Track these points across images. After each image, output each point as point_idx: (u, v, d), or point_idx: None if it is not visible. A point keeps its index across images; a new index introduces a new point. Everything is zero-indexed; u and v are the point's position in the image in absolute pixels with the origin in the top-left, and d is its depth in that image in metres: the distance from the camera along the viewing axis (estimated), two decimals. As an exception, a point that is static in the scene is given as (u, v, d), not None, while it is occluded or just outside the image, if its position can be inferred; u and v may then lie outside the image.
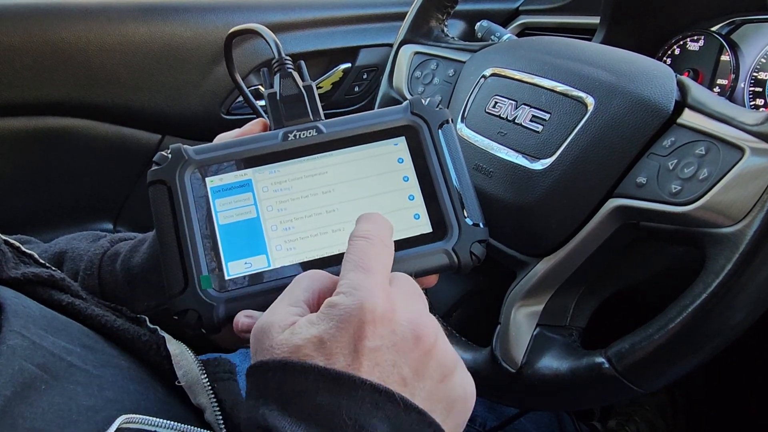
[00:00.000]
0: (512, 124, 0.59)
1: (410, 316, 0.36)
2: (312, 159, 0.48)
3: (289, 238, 0.46)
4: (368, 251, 0.38)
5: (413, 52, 0.75)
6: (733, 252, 0.43)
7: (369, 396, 0.32)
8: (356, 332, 0.34)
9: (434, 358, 0.36)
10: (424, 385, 0.35)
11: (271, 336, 0.35)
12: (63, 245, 0.57)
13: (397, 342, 0.35)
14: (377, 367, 0.34)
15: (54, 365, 0.38)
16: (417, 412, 0.33)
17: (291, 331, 0.35)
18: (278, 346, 0.34)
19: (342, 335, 0.34)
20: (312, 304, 0.38)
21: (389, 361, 0.34)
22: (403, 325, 0.35)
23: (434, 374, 0.36)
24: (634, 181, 0.50)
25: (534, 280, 0.55)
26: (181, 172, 0.47)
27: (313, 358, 0.33)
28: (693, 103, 0.50)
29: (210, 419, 0.44)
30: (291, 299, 0.37)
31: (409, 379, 0.34)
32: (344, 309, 0.34)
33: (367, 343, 0.34)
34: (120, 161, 1.10)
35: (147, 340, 0.46)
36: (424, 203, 0.47)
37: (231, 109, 1.12)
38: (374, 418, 0.32)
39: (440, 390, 0.36)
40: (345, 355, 0.34)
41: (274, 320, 0.36)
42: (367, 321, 0.34)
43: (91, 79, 1.02)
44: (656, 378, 0.48)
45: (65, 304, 0.46)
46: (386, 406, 0.32)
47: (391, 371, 0.34)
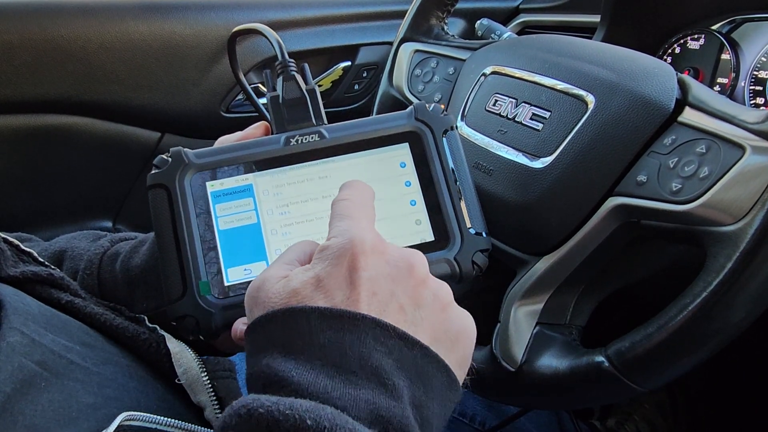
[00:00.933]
0: (512, 122, 0.59)
1: (400, 249, 0.37)
2: (314, 164, 0.47)
3: (289, 244, 0.46)
4: (352, 207, 0.39)
5: (413, 50, 0.75)
6: (734, 250, 0.43)
7: (371, 330, 0.33)
8: (350, 265, 0.34)
9: (429, 288, 0.36)
10: (424, 314, 0.35)
11: (267, 288, 0.35)
12: (63, 244, 0.57)
13: (391, 272, 0.35)
14: (375, 297, 0.34)
15: (54, 362, 0.38)
16: (420, 346, 0.33)
17: (287, 280, 0.35)
18: (275, 295, 0.35)
19: (337, 270, 0.34)
20: (304, 262, 0.38)
21: (386, 291, 0.35)
22: (395, 256, 0.36)
23: (433, 305, 0.36)
24: (634, 180, 0.50)
25: (534, 279, 0.55)
26: (181, 177, 0.46)
27: (312, 298, 0.34)
28: (694, 101, 0.50)
29: (210, 417, 0.44)
30: (284, 259, 0.38)
31: (408, 307, 0.35)
32: (336, 247, 0.35)
33: (362, 273, 0.34)
34: (119, 159, 1.10)
35: (146, 338, 0.46)
36: (426, 211, 0.47)
37: (231, 107, 1.12)
38: (378, 352, 0.32)
39: (441, 321, 0.36)
40: (342, 288, 0.34)
41: (268, 275, 0.36)
42: (358, 253, 0.35)
43: (91, 76, 1.02)
44: (656, 377, 0.47)
45: (64, 302, 0.46)
46: (389, 341, 0.33)
47: (389, 300, 0.34)
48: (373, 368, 0.32)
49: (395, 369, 0.32)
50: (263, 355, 0.33)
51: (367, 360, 0.32)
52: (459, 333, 0.37)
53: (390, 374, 0.32)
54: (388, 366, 0.32)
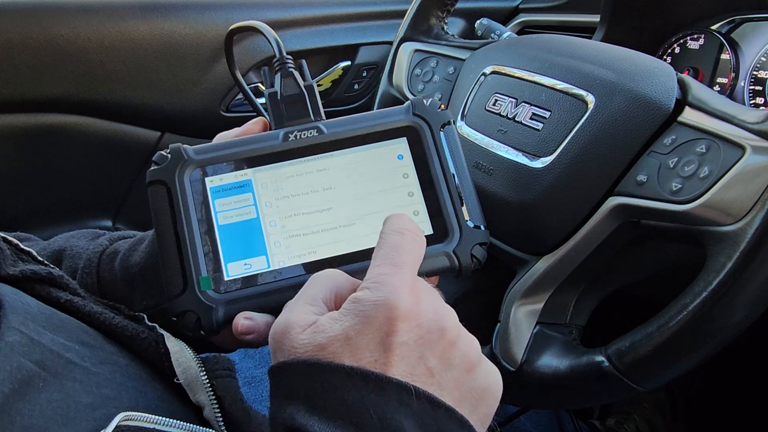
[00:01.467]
0: (512, 122, 0.59)
1: (434, 309, 0.36)
2: (313, 159, 0.47)
3: (289, 238, 0.46)
4: (401, 245, 0.38)
5: (413, 49, 0.75)
6: (734, 250, 0.43)
7: (396, 393, 0.32)
8: (383, 328, 0.34)
9: (459, 348, 0.36)
10: (451, 374, 0.35)
11: (292, 336, 0.35)
12: (62, 243, 0.56)
13: (423, 335, 0.35)
14: (404, 360, 0.34)
15: (52, 362, 0.38)
16: (444, 408, 0.33)
17: (313, 330, 0.35)
18: (301, 346, 0.34)
19: (368, 331, 0.34)
20: (329, 302, 0.37)
21: (416, 354, 0.34)
22: (429, 318, 0.35)
23: (461, 364, 0.36)
24: (634, 179, 0.50)
25: (534, 278, 0.55)
26: (181, 173, 0.46)
27: (340, 355, 0.33)
28: (693, 101, 0.50)
29: (209, 416, 0.44)
30: (308, 298, 0.37)
31: (437, 369, 0.35)
32: (370, 304, 0.34)
33: (395, 339, 0.34)
34: (119, 158, 1.10)
35: (146, 337, 0.46)
36: (425, 204, 0.47)
37: (230, 107, 1.12)
38: (401, 414, 0.32)
39: (468, 381, 0.36)
40: (371, 350, 0.34)
41: (293, 320, 0.36)
42: (394, 317, 0.34)
43: (91, 76, 1.02)
44: (656, 376, 0.47)
45: (63, 301, 0.46)
46: (413, 404, 0.33)
47: (417, 363, 0.34)
48: (394, 430, 0.32)
49: (414, 429, 0.32)
50: (288, 402, 0.33)
51: (390, 423, 0.32)
52: (484, 391, 0.36)
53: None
54: (410, 428, 0.32)
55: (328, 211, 0.46)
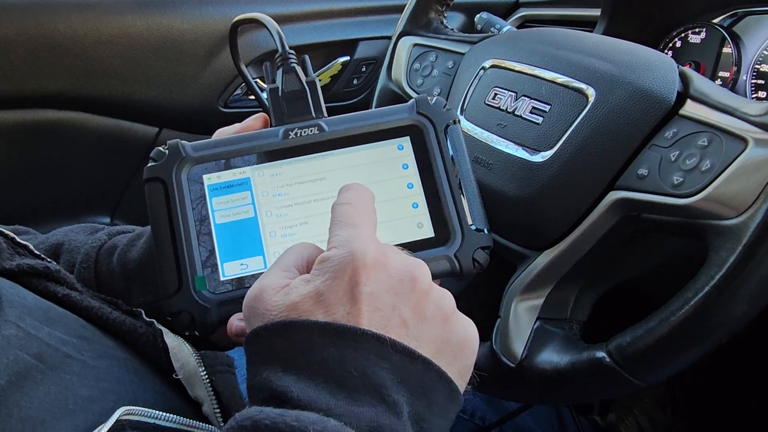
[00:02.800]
0: (512, 116, 0.58)
1: (403, 260, 0.36)
2: (313, 158, 0.47)
3: (287, 239, 0.45)
4: (353, 213, 0.38)
5: (412, 43, 0.75)
6: (736, 244, 0.42)
7: (374, 347, 0.32)
8: (351, 279, 0.34)
9: (432, 300, 0.36)
10: (426, 327, 0.35)
11: (266, 299, 0.35)
12: (60, 237, 0.56)
13: (394, 285, 0.35)
14: (377, 312, 0.34)
15: (50, 355, 0.38)
16: (422, 361, 0.33)
17: (286, 292, 0.35)
18: (274, 308, 0.34)
19: (338, 284, 0.34)
20: (302, 269, 0.37)
21: (388, 305, 0.34)
22: (398, 269, 0.35)
23: (435, 316, 0.35)
24: (635, 173, 0.49)
25: (534, 274, 0.54)
26: (178, 170, 0.46)
27: (313, 313, 0.33)
28: (695, 93, 0.49)
29: (208, 412, 0.43)
30: (282, 265, 0.37)
31: (411, 321, 0.34)
32: (337, 260, 0.35)
33: (363, 289, 0.34)
34: (117, 154, 1.10)
35: (144, 332, 0.46)
36: (427, 207, 0.47)
37: (229, 102, 1.11)
38: (380, 368, 0.32)
39: (444, 333, 0.36)
40: (343, 303, 0.33)
41: (265, 283, 0.36)
42: (360, 267, 0.34)
43: (88, 71, 1.02)
44: (657, 371, 0.47)
45: (61, 295, 0.46)
46: (392, 357, 0.32)
47: (391, 314, 0.34)
48: (374, 385, 0.32)
49: (396, 385, 0.32)
50: (264, 367, 0.33)
51: (370, 377, 0.32)
52: (462, 343, 0.36)
53: (391, 390, 0.32)
54: (390, 382, 0.32)
55: (328, 212, 0.46)
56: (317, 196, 0.46)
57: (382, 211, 0.46)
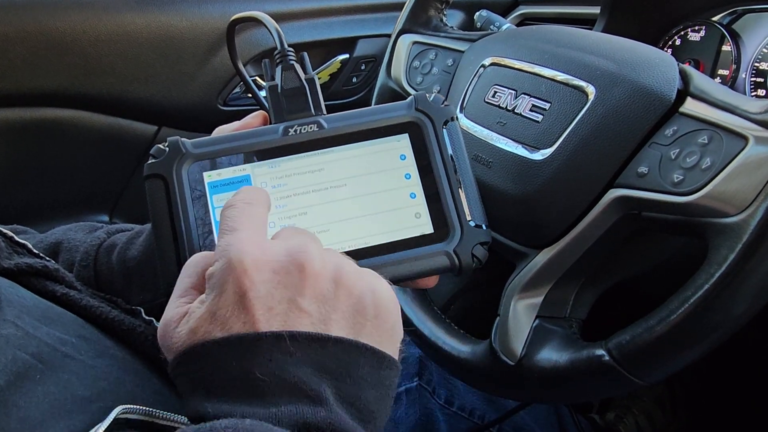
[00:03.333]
0: (512, 113, 0.58)
1: (287, 249, 0.35)
2: (312, 155, 0.47)
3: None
4: (232, 215, 0.37)
5: (412, 41, 0.75)
6: (736, 242, 0.42)
7: (274, 346, 0.32)
8: (236, 289, 0.33)
9: (327, 278, 0.35)
10: (331, 306, 0.34)
11: (170, 334, 0.35)
12: (59, 236, 0.56)
13: (281, 280, 0.34)
14: (272, 311, 0.33)
15: (48, 355, 0.38)
16: (333, 341, 0.33)
17: (186, 320, 0.34)
18: (178, 339, 0.34)
19: (225, 298, 0.33)
20: (200, 287, 0.37)
21: (283, 300, 0.33)
22: (281, 261, 0.34)
23: (337, 292, 0.35)
24: (635, 171, 0.49)
25: (533, 272, 0.54)
26: (179, 167, 0.46)
27: (210, 333, 0.33)
28: (695, 91, 0.49)
29: (205, 411, 0.43)
30: (178, 292, 0.37)
31: (311, 307, 0.34)
32: (219, 273, 0.34)
33: (250, 294, 0.33)
34: (116, 152, 1.10)
35: (142, 331, 0.46)
36: (425, 203, 0.47)
37: (228, 100, 1.11)
38: (290, 364, 0.32)
39: (352, 304, 0.35)
40: (236, 315, 0.33)
41: (167, 319, 0.36)
42: (240, 274, 0.33)
43: (87, 69, 1.01)
44: (657, 370, 0.47)
45: (59, 294, 0.46)
46: (298, 349, 0.32)
47: (289, 308, 0.33)
48: (288, 383, 0.31)
49: (313, 374, 0.32)
50: (188, 399, 0.33)
51: (280, 376, 0.31)
52: (376, 307, 0.35)
53: (309, 382, 0.31)
54: (305, 374, 0.32)
55: (327, 208, 0.46)
56: (316, 186, 0.46)
57: (380, 202, 0.46)
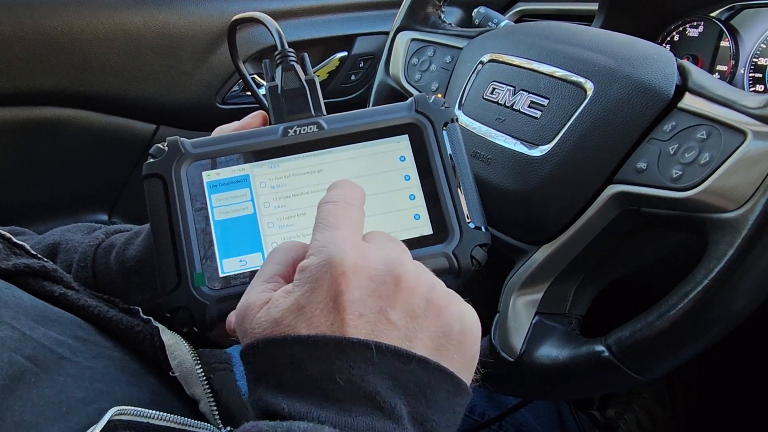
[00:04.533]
0: (510, 110, 0.58)
1: (385, 258, 0.35)
2: (312, 155, 0.47)
3: (286, 235, 0.45)
4: (334, 212, 0.37)
5: (410, 38, 0.75)
6: (735, 237, 0.42)
7: (359, 354, 0.32)
8: (331, 288, 0.33)
9: (421, 295, 0.34)
10: (419, 324, 0.34)
11: (250, 317, 0.34)
12: (57, 236, 0.56)
13: (377, 288, 0.33)
14: (362, 318, 0.33)
15: (44, 357, 0.37)
16: (416, 360, 0.32)
17: (268, 307, 0.34)
18: (258, 326, 0.34)
19: (318, 295, 0.33)
20: (287, 276, 0.37)
21: (374, 309, 0.33)
22: (379, 269, 0.34)
23: (427, 311, 0.34)
24: (634, 167, 0.49)
25: (533, 268, 0.54)
26: (178, 166, 0.46)
27: (295, 327, 0.33)
28: (694, 86, 0.49)
29: (204, 410, 0.43)
30: (264, 276, 0.37)
31: (400, 321, 0.33)
32: (315, 269, 0.33)
33: (345, 297, 0.33)
34: (114, 151, 1.09)
35: (141, 330, 0.46)
36: (425, 204, 0.46)
37: (226, 99, 1.11)
38: (370, 374, 0.31)
39: (440, 327, 0.34)
40: (326, 315, 0.33)
41: (249, 301, 0.35)
42: (338, 274, 0.33)
43: (85, 68, 1.01)
44: (657, 366, 0.47)
45: (57, 295, 0.46)
46: (381, 361, 0.32)
47: (378, 318, 0.33)
48: (366, 393, 0.31)
49: (391, 389, 0.31)
50: (258, 384, 0.33)
51: (359, 385, 0.31)
52: (462, 334, 0.35)
53: (385, 396, 0.31)
54: (383, 387, 0.31)
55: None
56: (314, 187, 0.46)
57: (379, 203, 0.46)
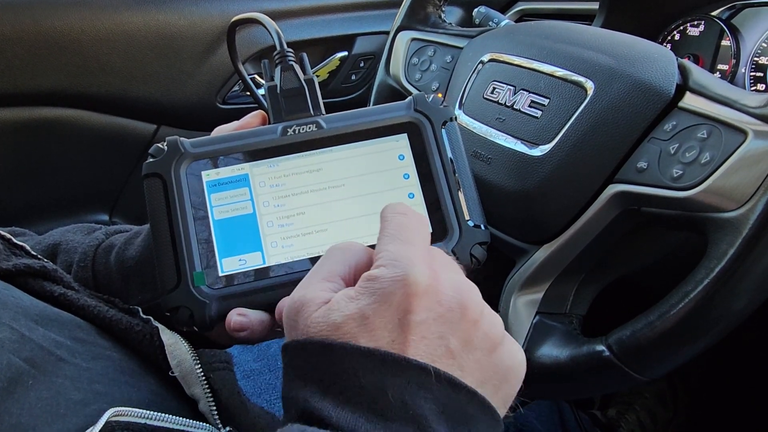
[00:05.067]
0: (511, 109, 0.58)
1: (455, 285, 0.34)
2: (311, 155, 0.47)
3: (285, 234, 0.45)
4: (407, 224, 0.36)
5: (410, 38, 0.74)
6: (736, 237, 0.42)
7: (416, 377, 0.31)
8: (401, 306, 0.32)
9: (481, 328, 0.34)
10: (473, 356, 0.34)
11: (306, 314, 0.33)
12: (57, 237, 0.56)
13: (444, 313, 0.33)
14: (424, 341, 0.32)
15: (42, 359, 0.37)
16: (466, 391, 0.32)
17: (328, 308, 0.33)
18: (315, 325, 0.33)
19: (385, 310, 0.32)
20: (348, 278, 0.36)
21: (436, 334, 0.33)
22: (449, 296, 0.33)
23: (483, 345, 0.34)
24: (634, 166, 0.49)
25: (533, 268, 0.54)
26: (177, 166, 0.46)
27: (355, 336, 0.32)
28: (694, 86, 0.49)
29: (204, 410, 0.43)
30: (325, 273, 0.36)
31: (457, 351, 0.33)
32: (387, 282, 0.32)
33: (413, 317, 0.32)
34: (115, 152, 1.09)
35: (140, 330, 0.45)
36: (424, 203, 0.46)
37: (227, 99, 1.11)
38: (421, 398, 0.31)
39: (490, 362, 0.34)
40: (389, 330, 0.32)
41: (308, 297, 0.34)
42: (411, 293, 0.32)
43: (85, 68, 1.01)
44: (658, 365, 0.47)
45: (57, 295, 0.46)
46: (433, 387, 0.31)
47: (438, 344, 0.32)
48: (414, 415, 0.30)
49: (438, 415, 0.31)
50: (301, 383, 0.32)
51: (410, 407, 0.31)
52: (507, 372, 0.35)
53: (431, 421, 0.31)
54: (430, 413, 0.31)
55: (326, 208, 0.46)
56: (314, 186, 0.46)
57: (378, 202, 0.46)
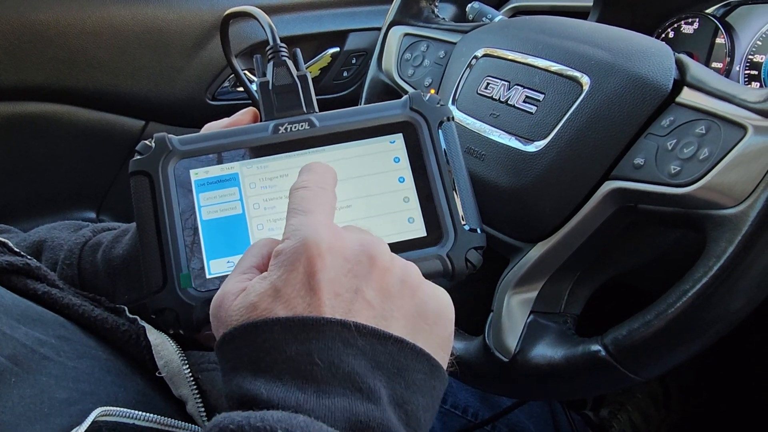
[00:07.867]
0: (505, 105, 0.57)
1: (359, 239, 0.35)
2: (303, 154, 0.46)
3: (273, 232, 0.44)
4: (305, 196, 0.37)
5: (403, 33, 0.74)
6: (735, 234, 0.41)
7: (338, 334, 0.32)
8: (306, 269, 0.33)
9: (395, 275, 0.35)
10: (394, 304, 0.34)
11: (226, 306, 0.34)
12: (43, 234, 0.55)
13: (352, 268, 0.34)
14: (338, 298, 0.33)
15: (25, 357, 0.36)
16: (393, 340, 0.33)
17: (245, 294, 0.34)
18: (236, 312, 0.34)
19: (294, 277, 0.33)
20: (262, 267, 0.37)
21: (349, 288, 0.33)
22: (355, 249, 0.35)
23: (402, 291, 0.35)
24: (631, 163, 0.48)
25: (528, 266, 0.54)
26: (165, 164, 0.44)
27: (273, 310, 0.33)
28: (692, 81, 0.48)
29: (192, 411, 0.42)
30: (241, 268, 0.37)
31: (376, 301, 0.34)
32: (290, 251, 0.34)
33: (320, 276, 0.33)
34: (102, 148, 1.08)
35: (126, 329, 0.45)
36: (419, 206, 0.45)
37: (216, 95, 1.10)
38: (349, 355, 0.31)
39: (414, 306, 0.35)
40: (302, 296, 0.33)
41: (226, 290, 0.35)
42: (314, 255, 0.33)
43: (72, 63, 1.00)
44: (654, 365, 0.47)
45: (41, 293, 0.45)
46: (359, 342, 0.32)
47: (354, 297, 0.33)
48: (345, 374, 0.31)
49: (370, 370, 0.31)
50: (234, 374, 0.33)
51: (338, 366, 0.31)
52: (436, 315, 0.35)
53: (364, 377, 0.31)
54: (362, 368, 0.31)
55: None
56: None
57: (372, 205, 0.45)
